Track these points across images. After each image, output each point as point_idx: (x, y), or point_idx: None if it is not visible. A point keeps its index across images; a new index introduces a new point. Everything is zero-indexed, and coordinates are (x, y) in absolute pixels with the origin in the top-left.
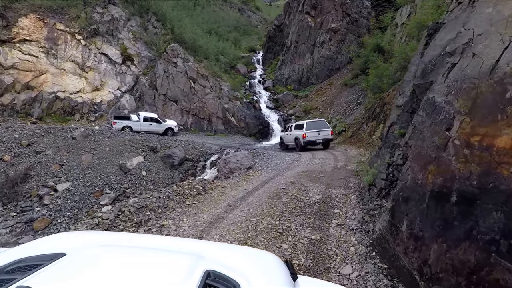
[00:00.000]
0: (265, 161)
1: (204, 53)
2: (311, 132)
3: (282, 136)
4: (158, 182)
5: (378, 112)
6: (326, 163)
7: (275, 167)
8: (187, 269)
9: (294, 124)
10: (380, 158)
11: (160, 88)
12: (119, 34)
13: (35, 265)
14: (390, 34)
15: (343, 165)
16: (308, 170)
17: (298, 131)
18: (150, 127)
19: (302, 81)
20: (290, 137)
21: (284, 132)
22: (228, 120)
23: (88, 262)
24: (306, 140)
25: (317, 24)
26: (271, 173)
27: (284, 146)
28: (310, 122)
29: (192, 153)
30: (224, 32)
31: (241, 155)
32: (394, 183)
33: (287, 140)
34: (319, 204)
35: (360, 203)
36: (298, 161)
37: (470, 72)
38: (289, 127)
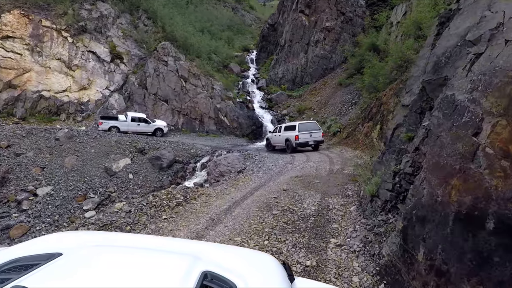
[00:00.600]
0: (257, 164)
1: (196, 51)
2: (303, 133)
3: (269, 137)
4: (146, 186)
5: (374, 113)
6: (321, 167)
7: (267, 171)
8: (184, 270)
9: (284, 125)
10: (383, 165)
11: (150, 87)
12: (108, 32)
13: (31, 265)
14: (385, 33)
15: (340, 168)
16: (302, 174)
17: (289, 132)
18: (138, 128)
19: (296, 80)
20: (279, 138)
21: (272, 133)
22: (221, 120)
23: (85, 262)
24: (299, 142)
25: (311, 23)
26: (262, 178)
27: (271, 147)
28: (302, 123)
29: (182, 154)
30: (217, 31)
31: (232, 157)
32: (401, 195)
33: (275, 141)
34: (315, 218)
35: (361, 216)
36: (292, 164)
37: (503, 63)
38: (278, 128)
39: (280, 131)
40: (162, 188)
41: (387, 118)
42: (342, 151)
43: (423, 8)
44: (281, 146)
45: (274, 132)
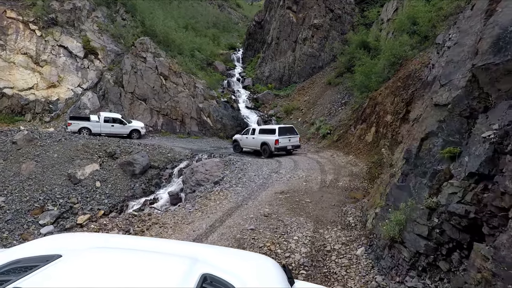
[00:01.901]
0: (237, 174)
1: (178, 48)
2: (283, 138)
3: (238, 138)
4: (115, 195)
5: (368, 114)
6: (311, 177)
7: (248, 182)
8: (184, 272)
9: (259, 128)
10: (408, 193)
11: (127, 85)
12: (82, 25)
13: (31, 266)
14: (376, 30)
15: (333, 180)
16: (289, 189)
17: (267, 135)
18: (113, 129)
19: (283, 79)
20: (252, 141)
21: (242, 134)
22: (203, 121)
23: (84, 264)
24: (278, 146)
25: (299, 19)
26: (240, 194)
27: (239, 149)
28: (282, 127)
29: (158, 159)
30: (202, 28)
31: (211, 163)
32: (445, 248)
33: (246, 143)
34: (307, 270)
35: (375, 268)
36: (277, 174)
37: None
38: (251, 131)
39: (254, 133)
40: (133, 197)
41: (384, 120)
42: (334, 156)
43: (417, 2)
44: (253, 149)
45: (245, 134)
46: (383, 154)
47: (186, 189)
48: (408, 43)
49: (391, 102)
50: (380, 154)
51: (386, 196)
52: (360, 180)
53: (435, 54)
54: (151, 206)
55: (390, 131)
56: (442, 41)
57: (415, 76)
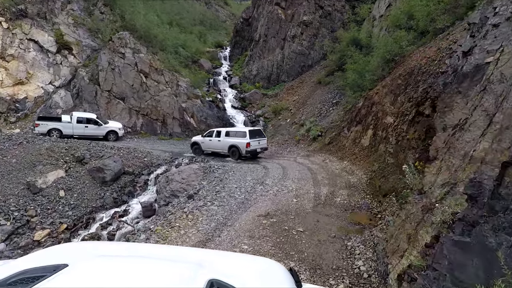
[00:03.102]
0: (216, 185)
1: (160, 44)
2: (253, 140)
3: (199, 141)
4: (81, 206)
5: (364, 115)
6: (303, 190)
7: (227, 198)
8: (191, 278)
9: (226, 130)
10: (481, 259)
11: (103, 83)
12: (55, 18)
13: (38, 277)
14: (367, 27)
15: (329, 194)
16: (277, 209)
17: (236, 138)
18: (87, 131)
19: (271, 78)
20: (217, 144)
21: (204, 137)
22: (186, 122)
23: (91, 273)
24: (250, 150)
25: (287, 16)
26: (214, 217)
27: (200, 152)
28: (252, 130)
29: (133, 164)
30: (188, 25)
31: (189, 171)
32: None
33: (210, 146)
34: None
35: None
36: (263, 186)
37: None
38: (215, 133)
39: (219, 136)
40: (103, 208)
41: (382, 122)
42: (326, 161)
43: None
44: (216, 152)
45: (208, 136)
46: (405, 172)
47: (160, 200)
48: (405, 38)
49: (391, 101)
50: (382, 161)
51: (426, 249)
52: (361, 193)
53: (467, 39)
54: (120, 220)
55: (393, 135)
56: (480, 19)
57: (422, 72)
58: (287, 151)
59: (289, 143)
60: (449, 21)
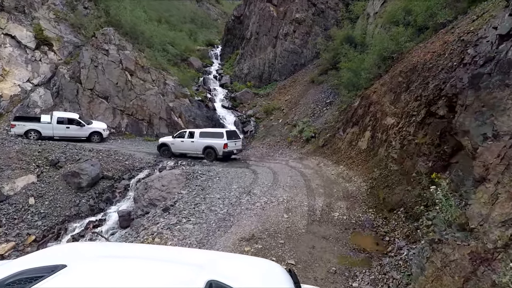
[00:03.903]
0: (196, 196)
1: (147, 41)
2: (230, 141)
3: (169, 142)
4: (53, 215)
5: (361, 115)
6: (295, 202)
7: (206, 213)
8: (190, 280)
9: (200, 131)
10: None
11: (85, 81)
12: (35, 12)
13: (37, 277)
14: (362, 24)
15: (325, 206)
16: (263, 229)
17: (212, 139)
18: (68, 132)
19: (263, 77)
20: (190, 145)
21: (175, 138)
22: (174, 122)
23: (89, 273)
24: (227, 151)
25: (280, 13)
26: (186, 241)
27: (169, 154)
28: (229, 131)
29: (113, 167)
30: (177, 23)
31: (170, 176)
32: None
33: (181, 148)
34: None
35: None
36: (250, 196)
37: None
38: (188, 134)
39: (192, 137)
40: (77, 217)
41: (382, 123)
42: (320, 165)
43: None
44: (188, 154)
45: (180, 137)
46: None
47: (137, 209)
48: (404, 34)
49: (391, 101)
50: (383, 168)
51: None
52: (361, 206)
53: (505, 18)
54: (93, 231)
55: (397, 139)
56: None
57: (428, 68)
58: (279, 153)
59: (281, 144)
60: (451, 15)
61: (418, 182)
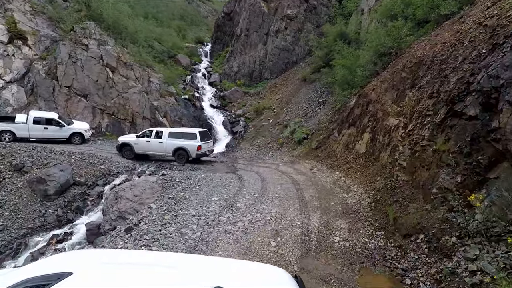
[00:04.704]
0: (167, 212)
1: (131, 36)
2: (204, 143)
3: (132, 142)
4: (13, 228)
5: (358, 115)
6: (285, 222)
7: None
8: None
9: (169, 131)
10: None
11: (62, 78)
12: (8, 4)
13: (43, 285)
14: (355, 20)
15: (322, 227)
16: None
17: (184, 140)
18: (46, 133)
19: (253, 75)
20: (157, 146)
21: (139, 137)
22: (158, 122)
23: (95, 280)
24: (200, 153)
25: (270, 10)
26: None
27: (131, 155)
28: (202, 131)
29: (86, 172)
30: (165, 19)
31: (144, 185)
32: None
33: (147, 148)
34: None
35: None
36: (231, 213)
37: None
38: (154, 133)
39: (160, 137)
40: (42, 229)
41: (383, 124)
42: (314, 171)
43: None
44: (154, 155)
45: (145, 136)
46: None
47: (105, 223)
48: (405, 27)
49: (394, 99)
50: (389, 177)
51: None
52: (366, 227)
53: None
54: (56, 248)
55: (405, 143)
56: None
57: (440, 61)
58: (269, 155)
59: (272, 146)
60: (456, 7)
61: (442, 201)
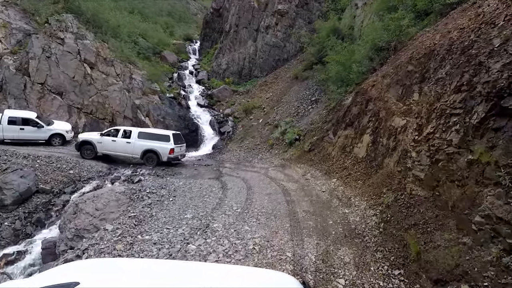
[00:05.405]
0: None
1: (112, 31)
2: (177, 146)
3: (94, 140)
4: None
5: (356, 114)
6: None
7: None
8: None
9: (139, 131)
10: None
11: (35, 73)
12: None
13: None
14: (349, 15)
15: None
16: None
17: (156, 142)
18: (22, 134)
19: (243, 73)
20: (123, 147)
21: (103, 136)
22: (140, 121)
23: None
24: (172, 156)
25: (261, 5)
26: None
27: (92, 154)
28: (175, 134)
29: (53, 178)
30: (152, 15)
31: (108, 196)
32: None
33: (110, 148)
34: None
35: None
36: (204, 239)
37: None
38: (121, 132)
39: (128, 136)
40: None
41: (388, 124)
42: (307, 177)
43: None
44: (119, 157)
45: (110, 135)
46: None
47: (61, 242)
48: (408, 18)
49: (399, 96)
50: (399, 189)
51: None
52: (378, 260)
53: None
54: (2, 272)
55: (422, 149)
56: None
57: (467, 46)
58: (258, 158)
59: (261, 148)
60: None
61: (492, 236)
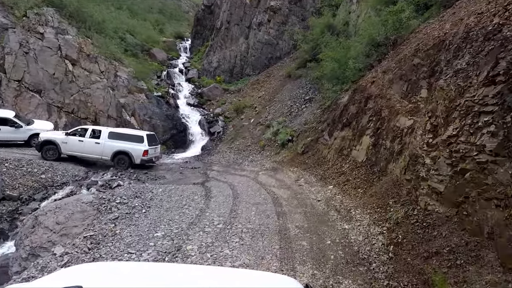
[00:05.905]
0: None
1: (97, 26)
2: (151, 148)
3: (58, 140)
4: None
5: (354, 114)
6: None
7: None
8: None
9: (109, 131)
10: None
11: (11, 70)
12: None
13: None
14: (344, 11)
15: None
16: None
17: (128, 143)
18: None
19: (234, 71)
20: (93, 147)
21: (69, 135)
22: (125, 121)
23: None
24: (146, 158)
25: (253, 1)
26: None
27: (55, 155)
28: (150, 134)
29: (22, 184)
30: (142, 12)
31: (72, 207)
32: None
33: (77, 149)
34: None
35: None
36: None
37: None
38: (89, 132)
39: (97, 136)
40: None
41: (391, 124)
42: (301, 183)
43: None
44: (87, 158)
45: (77, 135)
46: None
47: (14, 262)
48: (409, 10)
49: (403, 93)
50: (409, 202)
51: None
52: None
53: None
54: None
55: (440, 157)
56: None
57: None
58: (249, 160)
59: (252, 149)
60: None
61: None
